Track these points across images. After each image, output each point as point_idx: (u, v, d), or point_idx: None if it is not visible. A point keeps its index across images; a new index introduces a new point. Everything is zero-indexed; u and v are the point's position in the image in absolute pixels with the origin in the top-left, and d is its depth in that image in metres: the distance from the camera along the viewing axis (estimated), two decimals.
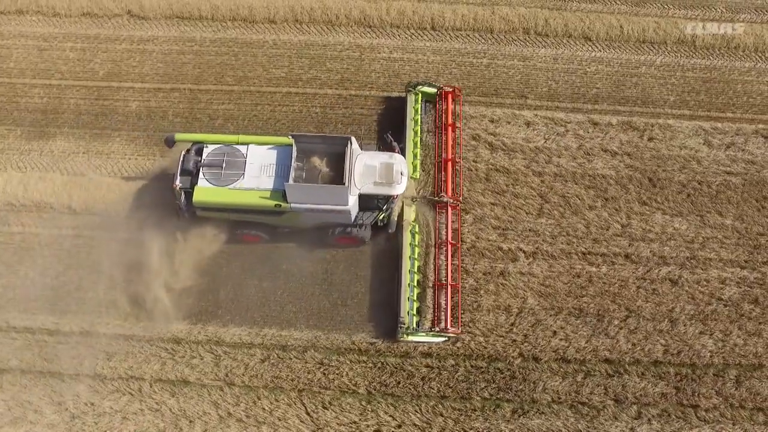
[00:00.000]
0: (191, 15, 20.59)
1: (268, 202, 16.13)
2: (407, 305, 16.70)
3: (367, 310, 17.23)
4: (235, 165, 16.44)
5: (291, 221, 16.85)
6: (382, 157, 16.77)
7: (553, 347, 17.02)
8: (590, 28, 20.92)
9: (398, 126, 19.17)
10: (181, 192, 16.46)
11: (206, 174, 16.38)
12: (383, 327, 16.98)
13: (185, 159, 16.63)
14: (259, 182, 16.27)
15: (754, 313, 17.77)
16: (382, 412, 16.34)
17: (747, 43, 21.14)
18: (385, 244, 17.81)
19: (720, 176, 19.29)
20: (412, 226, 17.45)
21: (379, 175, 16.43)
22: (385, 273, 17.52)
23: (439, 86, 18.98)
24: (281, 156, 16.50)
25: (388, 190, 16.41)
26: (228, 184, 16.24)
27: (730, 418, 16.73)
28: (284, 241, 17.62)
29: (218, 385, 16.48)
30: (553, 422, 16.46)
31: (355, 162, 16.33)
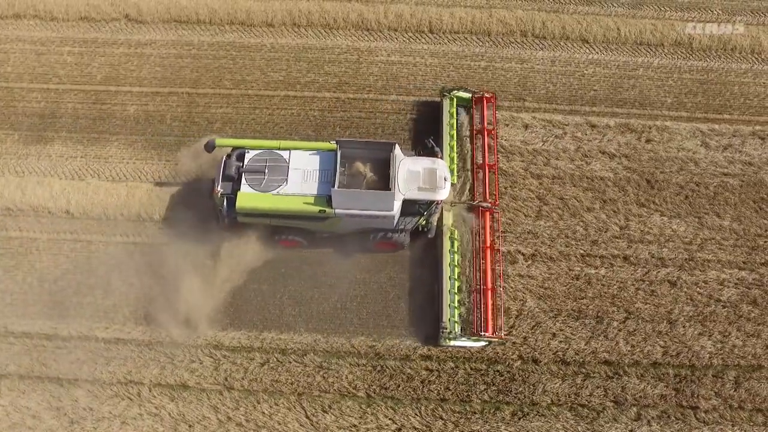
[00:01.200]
0: (189, 19, 20.58)
1: (312, 208, 16.03)
2: (448, 311, 16.66)
3: (367, 313, 17.23)
4: (277, 170, 16.33)
5: (332, 226, 16.79)
6: (425, 163, 16.71)
7: (553, 349, 17.03)
8: (587, 31, 21.01)
9: (394, 129, 19.40)
10: (224, 198, 16.32)
11: (248, 180, 16.24)
12: (381, 329, 16.99)
13: (226, 165, 16.47)
14: (302, 188, 16.15)
15: (752, 314, 17.81)
16: (382, 415, 16.31)
17: (743, 45, 21.24)
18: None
19: (717, 178, 19.35)
20: (451, 232, 17.46)
21: (423, 180, 16.38)
22: (383, 277, 17.53)
23: (474, 91, 18.97)
24: (324, 161, 16.39)
25: (432, 196, 16.35)
26: (271, 190, 16.13)
27: (730, 419, 16.76)
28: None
29: (217, 390, 16.43)
30: (553, 424, 16.47)
31: (398, 167, 16.32)
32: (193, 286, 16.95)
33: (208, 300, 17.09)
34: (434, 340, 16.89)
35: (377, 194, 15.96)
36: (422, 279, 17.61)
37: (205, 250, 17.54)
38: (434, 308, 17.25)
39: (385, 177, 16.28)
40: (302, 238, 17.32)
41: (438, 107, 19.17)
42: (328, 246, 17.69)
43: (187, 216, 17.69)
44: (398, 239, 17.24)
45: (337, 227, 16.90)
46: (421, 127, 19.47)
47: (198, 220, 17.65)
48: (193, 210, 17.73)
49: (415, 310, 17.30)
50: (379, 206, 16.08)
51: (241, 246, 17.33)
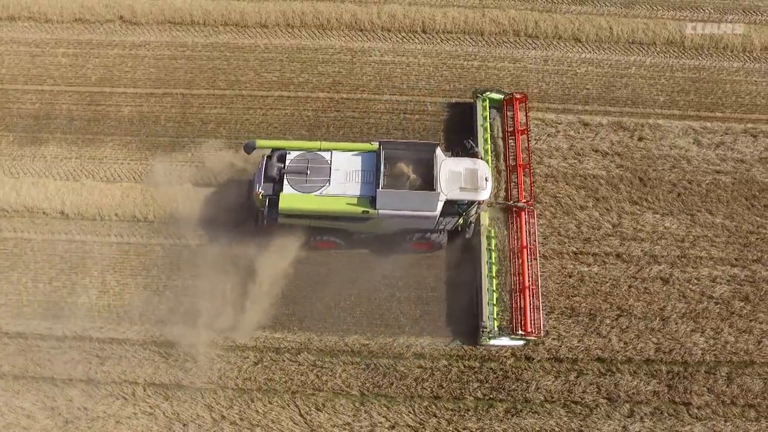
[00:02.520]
0: (183, 20, 20.65)
1: (355, 209, 16.05)
2: (488, 309, 16.75)
3: (360, 311, 17.26)
4: (320, 171, 16.32)
5: (373, 227, 16.83)
6: (466, 163, 16.75)
7: (546, 347, 17.08)
8: (580, 30, 21.08)
9: (388, 129, 19.46)
10: (265, 199, 16.32)
11: (291, 181, 16.22)
12: (374, 328, 17.03)
13: (267, 166, 16.47)
14: (345, 188, 16.16)
15: (744, 311, 17.87)
16: (376, 413, 16.37)
17: (735, 44, 21.32)
18: (370, 248, 17.75)
19: (710, 175, 19.42)
20: (488, 231, 17.58)
21: (465, 180, 16.42)
22: (378, 276, 17.54)
23: (506, 92, 19.09)
24: (366, 162, 16.43)
25: (474, 196, 16.40)
26: (314, 191, 16.12)
27: (722, 415, 16.82)
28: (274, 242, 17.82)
29: (212, 389, 16.50)
30: (546, 421, 16.53)
31: (440, 168, 16.40)
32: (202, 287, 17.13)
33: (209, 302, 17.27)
34: (424, 337, 16.94)
35: (422, 195, 16.03)
36: (416, 278, 17.68)
37: (203, 251, 17.72)
38: (428, 306, 17.37)
39: (426, 178, 16.37)
40: (339, 239, 17.39)
41: (425, 106, 19.50)
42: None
43: (183, 216, 17.95)
44: (436, 239, 17.29)
45: (378, 228, 16.92)
46: (414, 126, 19.56)
47: (195, 220, 17.90)
48: (189, 210, 17.96)
49: (409, 308, 17.32)
50: (423, 207, 16.13)
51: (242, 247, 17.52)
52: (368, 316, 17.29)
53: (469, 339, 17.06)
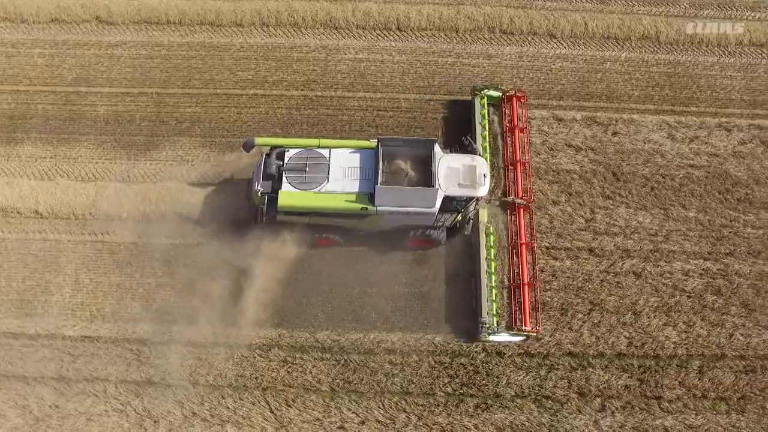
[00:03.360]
0: (159, 20, 20.75)
1: (354, 205, 16.09)
2: (487, 306, 16.82)
3: (331, 308, 17.34)
4: (318, 169, 16.39)
5: (371, 224, 16.88)
6: (464, 160, 16.79)
7: (517, 342, 17.14)
8: (555, 26, 21.09)
9: (361, 126, 19.50)
10: (264, 197, 16.39)
11: (290, 178, 16.29)
12: (345, 324, 17.11)
13: (266, 163, 16.54)
14: (343, 185, 16.23)
15: (717, 304, 17.85)
16: (346, 408, 16.43)
17: (710, 38, 21.28)
18: (347, 245, 17.70)
19: (683, 169, 19.41)
20: (486, 228, 17.65)
21: (463, 177, 16.46)
22: (349, 273, 17.56)
23: (504, 90, 19.19)
24: (364, 159, 16.51)
25: (472, 192, 16.44)
26: (312, 188, 16.20)
27: (693, 408, 16.82)
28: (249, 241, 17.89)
29: (183, 385, 16.58)
30: (517, 416, 16.55)
31: (438, 164, 16.43)
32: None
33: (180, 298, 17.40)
34: (395, 333, 16.96)
35: (420, 191, 16.09)
36: (387, 274, 17.66)
37: (175, 248, 17.85)
38: (399, 302, 17.40)
39: (425, 174, 16.41)
40: (338, 236, 17.42)
41: (398, 103, 19.56)
42: (306, 242, 17.69)
43: (156, 214, 18.04)
44: (435, 236, 17.32)
45: (377, 225, 16.95)
46: (388, 123, 19.58)
47: (165, 217, 18.01)
48: (159, 208, 18.06)
49: (381, 303, 17.35)
50: (422, 203, 16.18)
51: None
52: (339, 312, 17.35)
53: (440, 334, 17.08)
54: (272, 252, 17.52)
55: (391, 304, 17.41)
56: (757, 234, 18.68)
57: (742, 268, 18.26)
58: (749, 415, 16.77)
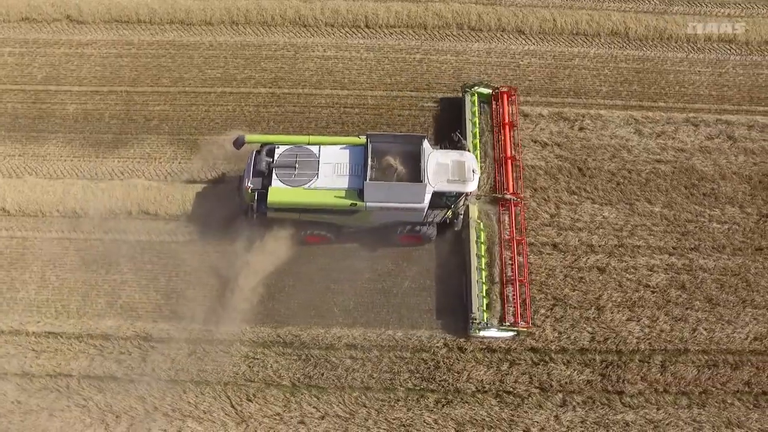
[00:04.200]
0: (129, 19, 20.94)
1: (343, 201, 16.23)
2: (477, 301, 16.85)
3: (295, 303, 17.34)
4: (308, 165, 16.53)
5: (361, 220, 16.99)
6: (453, 155, 16.94)
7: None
8: (523, 22, 21.16)
9: (327, 123, 19.61)
10: (254, 193, 16.53)
11: (279, 175, 16.44)
12: (309, 319, 17.14)
13: (256, 160, 16.66)
14: (333, 182, 16.38)
15: (680, 299, 17.83)
16: (306, 403, 16.48)
17: (679, 35, 21.31)
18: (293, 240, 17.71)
19: (650, 164, 19.42)
20: (477, 224, 17.70)
21: (452, 172, 16.60)
22: (313, 268, 17.63)
23: (495, 87, 19.25)
24: (354, 155, 16.64)
25: (461, 187, 16.56)
26: (302, 185, 16.34)
27: (655, 402, 16.80)
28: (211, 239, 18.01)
29: (145, 380, 16.67)
30: (477, 411, 16.54)
31: (427, 160, 16.51)
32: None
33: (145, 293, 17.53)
34: (356, 328, 16.99)
35: (409, 186, 16.19)
36: (350, 270, 17.70)
37: (141, 244, 17.97)
38: (361, 297, 17.45)
39: (414, 170, 16.50)
40: (329, 233, 17.52)
41: (365, 100, 19.65)
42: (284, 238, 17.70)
43: (122, 211, 18.16)
44: (425, 232, 17.37)
45: (367, 221, 17.06)
46: (354, 119, 19.69)
47: (132, 214, 18.14)
48: (125, 205, 18.18)
49: (343, 299, 17.38)
50: (411, 198, 16.28)
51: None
52: (303, 308, 17.39)
53: (401, 329, 17.10)
54: (237, 250, 17.72)
55: (354, 300, 17.47)
56: (722, 229, 18.66)
57: (707, 263, 18.23)
58: (710, 409, 16.72)
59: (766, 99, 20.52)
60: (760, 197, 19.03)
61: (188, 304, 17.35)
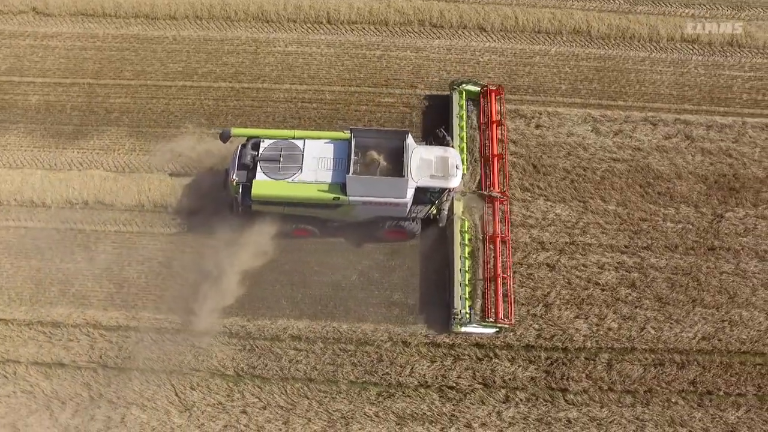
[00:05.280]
0: (95, 12, 21.21)
1: (326, 195, 16.36)
2: (459, 297, 16.93)
3: (242, 294, 17.45)
4: (292, 159, 16.67)
5: (345, 214, 17.12)
6: (437, 151, 17.06)
7: (423, 332, 17.22)
8: (485, 19, 21.18)
9: (284, 117, 19.74)
10: (239, 186, 16.70)
11: (264, 168, 16.59)
12: (255, 310, 17.28)
13: (241, 153, 16.83)
14: (317, 175, 16.50)
15: (630, 298, 17.78)
16: (249, 393, 16.62)
17: (642, 34, 21.23)
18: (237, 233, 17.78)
19: (606, 163, 19.35)
20: (461, 220, 17.76)
21: (435, 168, 16.70)
22: (258, 261, 17.66)
23: (483, 84, 19.34)
24: (338, 150, 16.77)
25: (444, 183, 16.67)
26: (286, 178, 16.47)
27: (599, 401, 16.74)
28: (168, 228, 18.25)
29: (92, 367, 16.89)
30: (418, 405, 16.59)
31: (411, 155, 16.65)
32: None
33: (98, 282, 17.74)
34: (302, 320, 17.09)
35: (391, 181, 16.27)
36: (298, 262, 17.79)
37: (96, 234, 18.19)
38: (309, 289, 17.55)
39: (398, 165, 16.58)
40: (314, 227, 17.65)
41: (323, 95, 19.74)
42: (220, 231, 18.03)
43: (79, 201, 18.39)
44: (410, 228, 17.47)
45: (350, 215, 17.18)
46: (311, 114, 19.80)
47: (88, 204, 18.34)
48: (82, 195, 18.38)
49: (291, 291, 17.54)
50: (393, 193, 16.39)
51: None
52: (249, 299, 17.52)
53: (346, 321, 17.16)
54: (188, 241, 17.94)
55: (302, 291, 17.58)
56: (676, 228, 18.58)
57: (659, 261, 18.16)
58: (654, 407, 16.66)
59: (727, 99, 20.47)
60: (716, 197, 18.98)
61: (139, 294, 17.56)
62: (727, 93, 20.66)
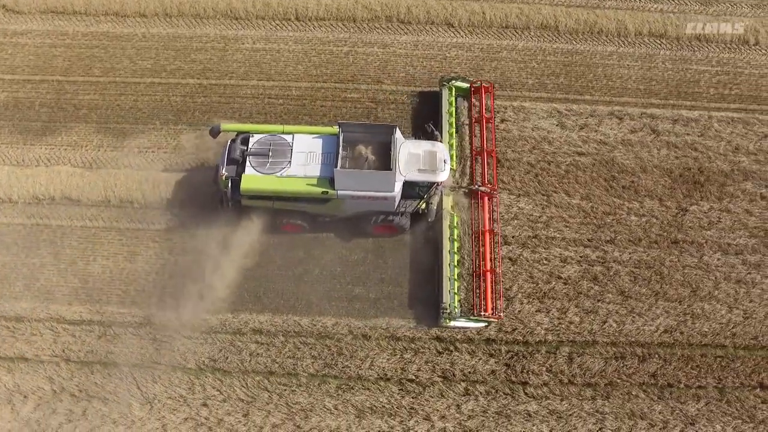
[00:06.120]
0: (65, 10, 21.37)
1: (315, 189, 16.47)
2: (448, 292, 16.98)
3: (204, 287, 17.42)
4: (281, 153, 16.80)
5: (334, 209, 17.21)
6: (425, 146, 17.16)
7: (383, 326, 17.28)
8: (453, 15, 21.26)
9: (251, 113, 19.79)
10: (228, 181, 16.81)
11: (253, 162, 16.70)
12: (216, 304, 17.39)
13: (231, 148, 16.95)
14: (305, 170, 16.61)
15: (592, 291, 17.79)
16: (210, 386, 16.69)
17: (610, 29, 21.26)
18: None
19: (570, 157, 19.39)
20: (450, 215, 17.84)
21: (423, 162, 16.82)
22: (225, 257, 17.73)
23: (472, 80, 19.42)
24: (326, 144, 16.86)
25: (432, 177, 16.78)
26: (275, 172, 16.59)
27: (559, 394, 16.78)
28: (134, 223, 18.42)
29: (55, 361, 17.00)
30: (378, 398, 16.64)
31: (399, 150, 16.75)
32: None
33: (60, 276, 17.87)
34: (264, 314, 17.13)
35: (378, 175, 16.35)
36: (261, 256, 17.85)
37: (62, 229, 18.35)
38: (272, 283, 17.58)
39: (386, 159, 16.67)
40: (304, 222, 17.75)
41: (289, 90, 19.85)
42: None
43: (45, 197, 18.52)
44: (399, 222, 17.56)
45: (339, 210, 17.28)
46: (277, 110, 19.90)
47: (54, 200, 18.48)
48: (48, 191, 18.52)
49: (253, 284, 17.55)
50: (381, 187, 16.47)
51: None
52: (211, 292, 17.41)
53: (307, 315, 17.20)
54: (155, 236, 18.08)
55: (264, 285, 17.65)
56: (640, 222, 18.59)
57: (622, 255, 18.17)
58: (614, 400, 16.66)
59: (693, 94, 20.48)
60: (680, 191, 18.99)
61: (104, 288, 17.67)
62: (694, 87, 20.70)
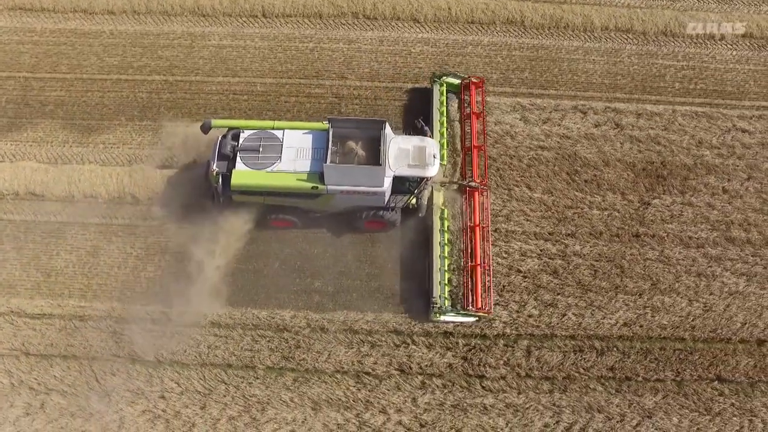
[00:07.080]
0: (33, 6, 21.46)
1: (305, 185, 16.56)
2: (439, 287, 17.06)
3: (164, 280, 17.69)
4: (271, 149, 16.88)
5: (324, 204, 17.30)
6: (414, 141, 17.21)
7: (341, 319, 17.33)
8: (418, 11, 21.29)
9: (216, 109, 19.86)
10: (218, 176, 16.91)
11: (243, 158, 16.83)
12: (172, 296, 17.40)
13: (222, 144, 17.07)
14: (296, 165, 16.70)
15: (551, 285, 17.80)
16: (168, 378, 16.79)
17: (576, 23, 21.27)
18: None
19: (533, 151, 19.42)
20: (441, 210, 17.93)
21: (413, 157, 16.86)
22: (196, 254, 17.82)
23: (463, 76, 19.47)
24: (317, 140, 16.96)
25: (421, 172, 16.82)
26: (265, 168, 16.70)
27: (516, 387, 16.81)
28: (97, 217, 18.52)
29: (15, 355, 17.10)
30: (334, 390, 16.70)
31: (389, 145, 16.84)
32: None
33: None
34: (225, 308, 17.24)
35: (368, 169, 16.42)
36: (226, 247, 17.86)
37: (26, 224, 18.43)
38: (232, 277, 17.67)
39: (376, 154, 16.74)
40: (295, 217, 17.85)
41: (254, 86, 19.96)
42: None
43: (9, 192, 18.67)
44: (389, 217, 17.64)
45: (329, 205, 17.38)
46: (242, 106, 20.00)
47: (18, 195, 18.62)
48: (12, 186, 18.66)
49: (214, 277, 17.60)
50: (370, 182, 16.56)
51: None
52: (170, 285, 17.52)
53: (266, 308, 17.29)
54: (117, 230, 18.18)
55: (223, 279, 17.62)
56: (602, 215, 18.58)
57: (583, 248, 18.16)
58: (571, 394, 16.68)
59: (658, 88, 20.48)
60: (643, 184, 18.99)
61: (66, 282, 17.81)
62: (659, 82, 20.70)
